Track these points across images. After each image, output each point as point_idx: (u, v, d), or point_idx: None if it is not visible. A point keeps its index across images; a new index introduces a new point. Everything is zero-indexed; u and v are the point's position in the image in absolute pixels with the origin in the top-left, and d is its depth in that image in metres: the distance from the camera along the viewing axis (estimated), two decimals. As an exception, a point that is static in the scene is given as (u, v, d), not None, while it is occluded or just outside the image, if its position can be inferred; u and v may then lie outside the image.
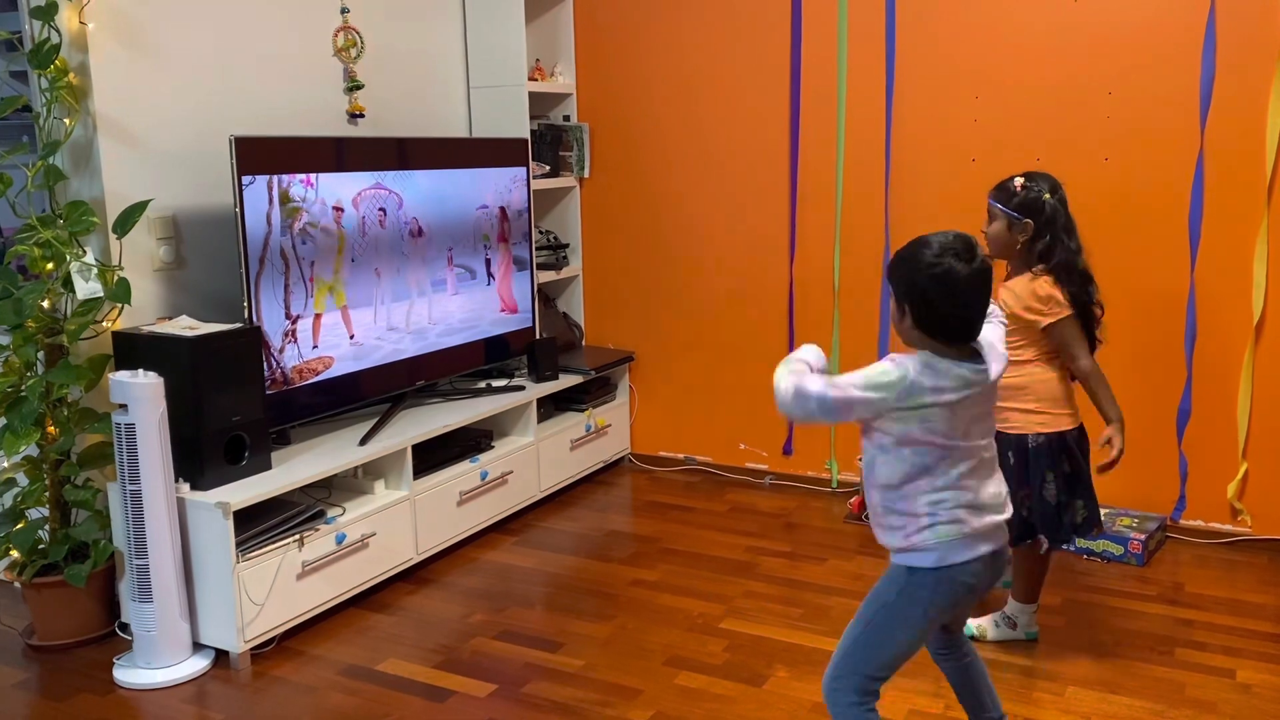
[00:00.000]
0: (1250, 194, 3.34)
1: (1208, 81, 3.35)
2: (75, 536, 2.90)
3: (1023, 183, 2.71)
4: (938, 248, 1.89)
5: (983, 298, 1.92)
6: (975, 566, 1.95)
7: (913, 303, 1.91)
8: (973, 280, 1.89)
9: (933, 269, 1.88)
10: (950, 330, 1.91)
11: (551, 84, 4.32)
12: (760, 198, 4.11)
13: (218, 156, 3.03)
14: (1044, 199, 2.69)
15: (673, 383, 4.39)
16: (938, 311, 1.89)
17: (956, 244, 1.89)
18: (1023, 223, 2.70)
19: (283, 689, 2.71)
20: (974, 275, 1.89)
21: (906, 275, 1.93)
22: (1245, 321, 3.39)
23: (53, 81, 2.80)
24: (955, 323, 1.91)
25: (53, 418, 2.87)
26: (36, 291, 2.78)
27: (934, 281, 1.88)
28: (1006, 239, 2.73)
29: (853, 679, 2.00)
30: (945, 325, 1.90)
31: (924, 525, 1.93)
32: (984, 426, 1.98)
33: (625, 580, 3.34)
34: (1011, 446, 2.73)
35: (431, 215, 3.63)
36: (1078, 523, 2.77)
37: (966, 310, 1.90)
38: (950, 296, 1.88)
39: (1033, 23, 3.55)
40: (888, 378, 1.87)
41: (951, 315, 1.90)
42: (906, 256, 1.93)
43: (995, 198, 2.75)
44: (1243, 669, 2.72)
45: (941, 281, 1.87)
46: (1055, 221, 2.69)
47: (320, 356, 3.23)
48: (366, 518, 3.15)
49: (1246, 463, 3.47)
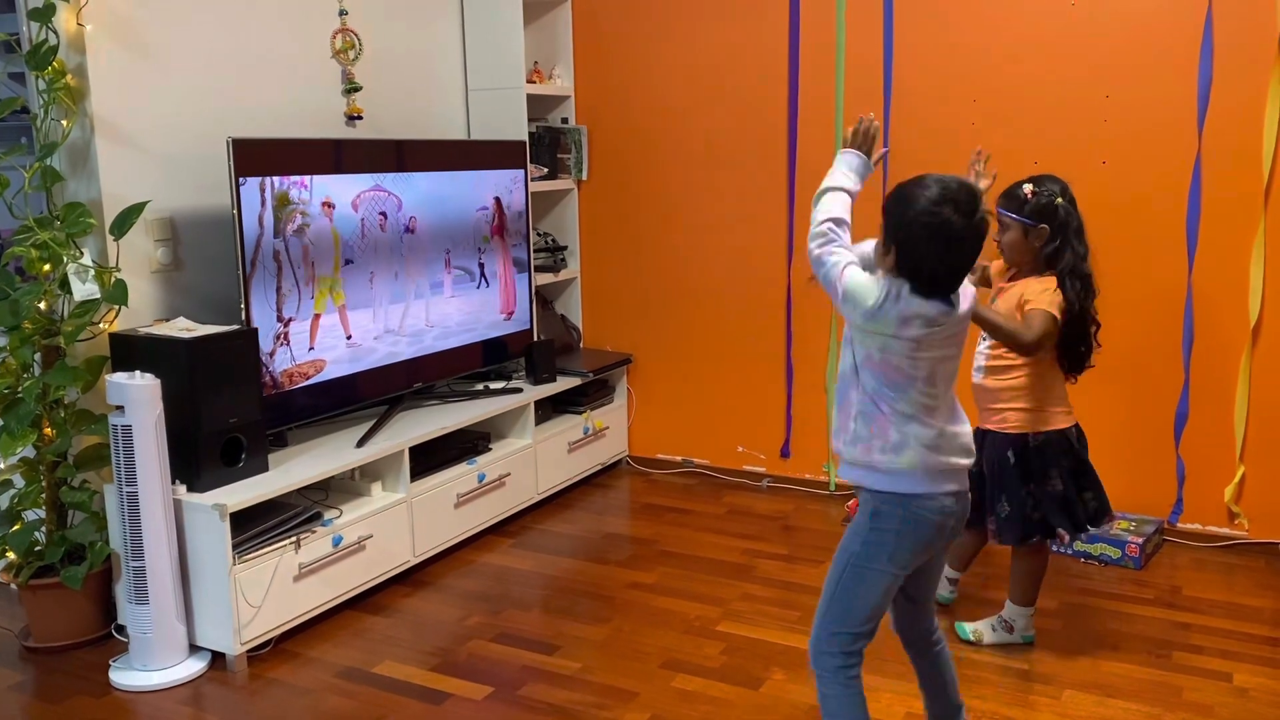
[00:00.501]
0: (1247, 198, 3.34)
1: (1205, 85, 3.35)
2: (72, 538, 2.90)
3: (1032, 188, 2.69)
4: (938, 193, 1.81)
5: (974, 255, 1.85)
6: (942, 502, 1.93)
7: (899, 245, 1.86)
8: (968, 234, 1.82)
9: (929, 217, 1.81)
10: (932, 281, 1.85)
11: (550, 86, 4.32)
12: (758, 200, 4.11)
13: (215, 158, 3.03)
14: (1056, 202, 2.67)
15: (671, 385, 4.39)
16: (924, 261, 1.83)
17: (959, 193, 1.81)
18: (1038, 228, 2.67)
19: (279, 691, 2.71)
20: (970, 230, 1.82)
21: (898, 215, 1.86)
22: (1242, 325, 3.40)
23: (50, 83, 2.80)
24: (940, 274, 1.85)
25: (49, 419, 2.87)
26: (33, 293, 2.78)
27: (926, 230, 1.81)
28: (1023, 246, 2.70)
29: (836, 639, 2.00)
30: (929, 275, 1.85)
31: (890, 447, 1.91)
32: (950, 368, 1.95)
33: (622, 583, 3.34)
34: (1011, 446, 2.73)
35: (430, 217, 3.63)
36: (1090, 513, 2.78)
37: (954, 265, 1.84)
38: (940, 249, 1.82)
39: (1030, 26, 3.56)
40: (865, 297, 1.86)
41: (938, 267, 1.84)
42: (903, 195, 1.86)
43: (1006, 207, 2.72)
44: (1240, 672, 2.72)
45: (935, 232, 1.81)
46: (1069, 225, 2.67)
47: (313, 360, 3.22)
48: (363, 520, 3.15)
49: (1243, 466, 3.47)
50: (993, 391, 2.77)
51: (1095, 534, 3.39)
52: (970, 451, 2.01)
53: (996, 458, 2.75)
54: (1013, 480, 2.73)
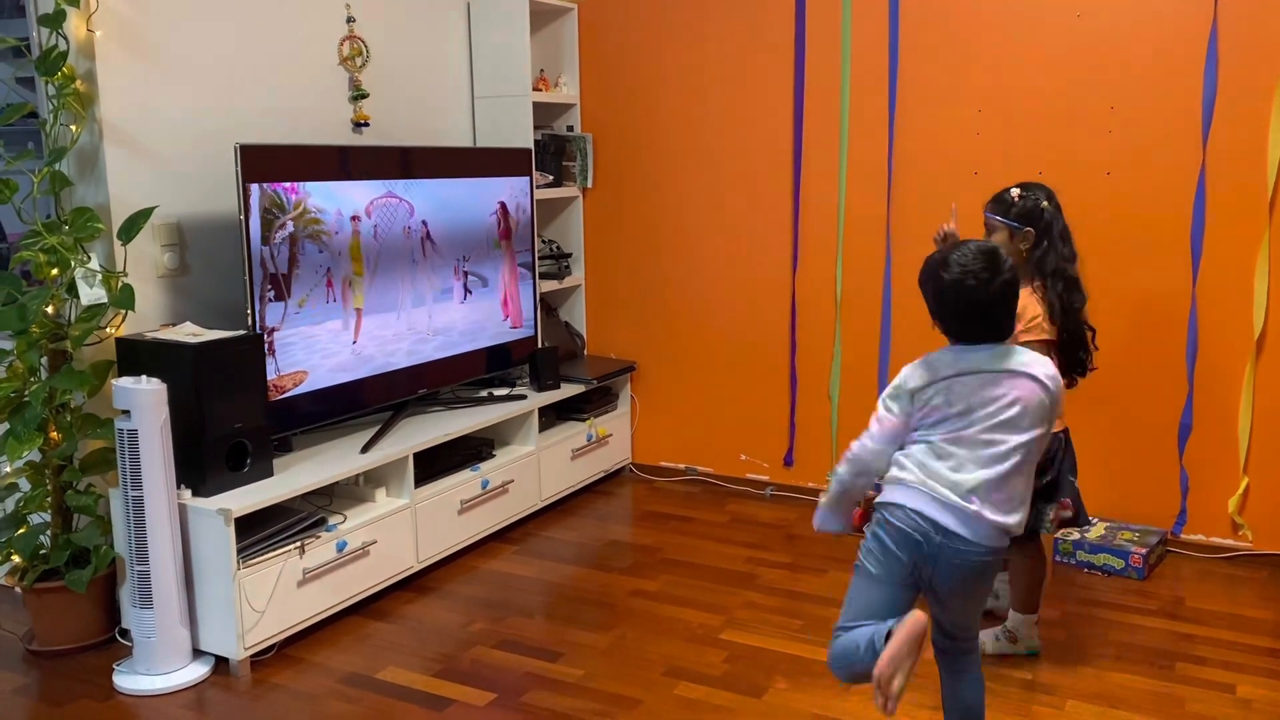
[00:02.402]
0: (1251, 209, 3.34)
1: (1209, 97, 3.36)
2: (76, 542, 2.91)
3: (1019, 192, 2.78)
4: (958, 271, 2.00)
5: (1010, 306, 2.03)
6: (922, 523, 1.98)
7: (940, 317, 2.07)
8: (997, 295, 2.00)
9: (956, 291, 2.00)
10: (979, 334, 2.04)
11: (555, 94, 4.33)
12: (763, 209, 4.11)
13: (223, 164, 3.05)
14: (1042, 205, 2.76)
15: (674, 393, 4.39)
16: (961, 322, 2.04)
17: (976, 263, 1.99)
18: (1024, 231, 2.75)
19: (282, 696, 2.71)
20: (1000, 289, 1.99)
21: (930, 290, 2.06)
22: (1246, 336, 3.40)
23: (60, 88, 2.82)
24: (985, 330, 2.03)
25: (55, 423, 2.88)
26: (41, 297, 2.79)
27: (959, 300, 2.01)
28: (1010, 250, 2.72)
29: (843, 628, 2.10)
30: (975, 333, 2.04)
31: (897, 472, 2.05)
32: (990, 412, 1.99)
33: (625, 590, 3.34)
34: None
35: (436, 224, 3.64)
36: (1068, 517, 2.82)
37: (994, 321, 2.02)
38: (976, 314, 2.01)
39: (1036, 37, 3.57)
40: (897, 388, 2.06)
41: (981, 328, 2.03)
42: (929, 273, 2.06)
43: (993, 210, 2.80)
44: (1243, 684, 2.71)
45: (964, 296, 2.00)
46: (1054, 228, 2.76)
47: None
48: (367, 525, 3.15)
49: (1247, 477, 3.47)
50: None
51: (1097, 544, 3.40)
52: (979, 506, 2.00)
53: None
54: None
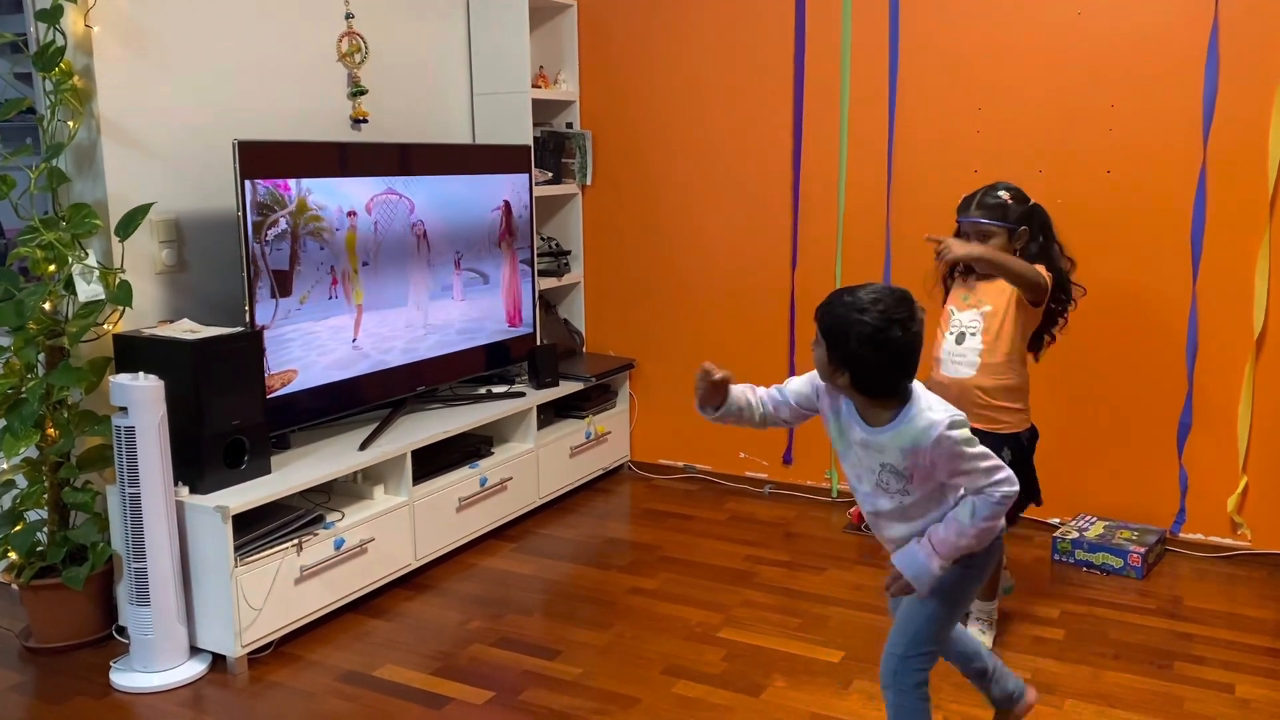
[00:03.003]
0: (1252, 208, 3.34)
1: (1210, 95, 3.35)
2: (74, 539, 2.90)
3: (1009, 194, 2.82)
4: (879, 318, 1.87)
5: (918, 355, 1.93)
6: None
7: (852, 369, 1.93)
8: (914, 344, 1.91)
9: (876, 339, 1.88)
10: (889, 390, 1.95)
11: (555, 91, 4.32)
12: (762, 206, 4.11)
13: (221, 160, 3.04)
14: (1033, 203, 2.83)
15: (673, 391, 4.38)
16: (881, 378, 1.93)
17: (898, 310, 1.89)
18: (1019, 233, 2.80)
19: (280, 694, 2.70)
20: (915, 338, 1.91)
21: (843, 341, 1.91)
22: (1246, 335, 3.39)
23: (57, 84, 2.81)
24: (895, 382, 1.94)
25: (53, 420, 2.87)
26: (38, 293, 2.78)
27: (877, 351, 1.89)
28: (1006, 251, 2.80)
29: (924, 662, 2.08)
30: (887, 387, 1.95)
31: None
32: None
33: (624, 588, 3.34)
34: (1007, 444, 2.79)
35: (436, 221, 3.63)
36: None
37: (906, 371, 1.93)
38: (893, 363, 1.91)
39: (1036, 35, 3.56)
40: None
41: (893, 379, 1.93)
42: (843, 322, 1.91)
43: (988, 216, 2.80)
44: (1241, 684, 2.71)
45: (884, 349, 1.89)
46: (1048, 224, 2.85)
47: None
48: (365, 523, 3.15)
49: (1246, 476, 3.46)
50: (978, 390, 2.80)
51: (1096, 543, 3.39)
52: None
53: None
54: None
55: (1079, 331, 3.56)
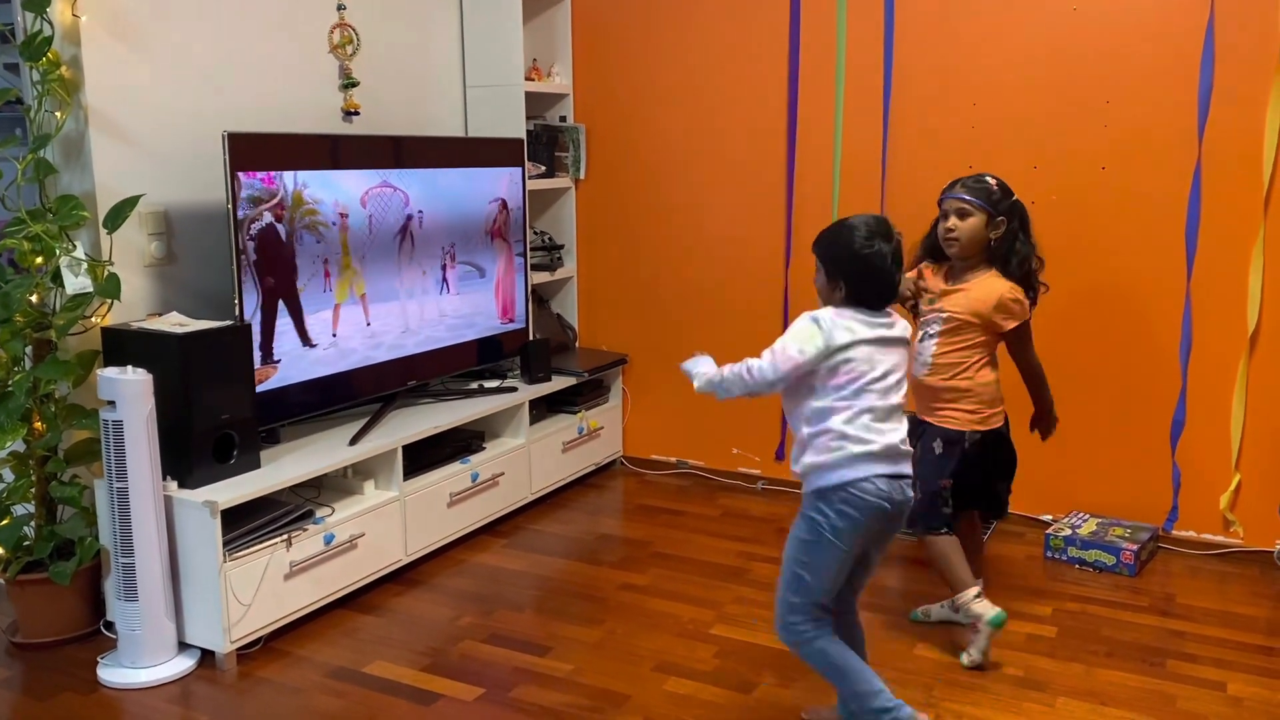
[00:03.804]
0: (1247, 204, 3.33)
1: (1205, 91, 3.34)
2: (61, 533, 2.88)
3: (997, 183, 2.85)
4: (866, 231, 2.23)
5: (900, 268, 2.28)
6: (885, 487, 2.22)
7: (847, 279, 2.25)
8: (896, 255, 2.25)
9: (866, 249, 2.22)
10: (878, 297, 2.27)
11: (548, 84, 4.30)
12: (756, 201, 4.09)
13: (210, 152, 3.01)
14: (1015, 199, 2.86)
15: (666, 386, 4.37)
16: (871, 285, 2.24)
17: (880, 227, 2.24)
18: (997, 221, 2.82)
19: (268, 690, 2.69)
20: (896, 251, 2.25)
21: (839, 255, 2.26)
22: (1240, 332, 3.39)
23: (44, 74, 2.78)
24: (884, 291, 2.26)
25: (40, 413, 2.85)
26: (25, 286, 2.76)
27: (867, 261, 2.22)
28: (980, 237, 2.85)
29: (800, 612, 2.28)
30: (876, 294, 2.26)
31: (833, 447, 2.22)
32: (898, 377, 2.28)
33: (615, 584, 3.32)
34: (940, 437, 2.85)
35: (429, 215, 3.61)
36: (1003, 499, 3.02)
37: (892, 280, 2.26)
38: (880, 271, 2.23)
39: (1031, 31, 3.55)
40: (814, 334, 2.21)
41: (883, 286, 2.26)
42: (837, 240, 2.27)
43: (973, 195, 2.83)
44: (1234, 682, 2.71)
45: (873, 260, 2.22)
46: (1027, 222, 2.87)
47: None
48: (355, 518, 3.13)
49: (1239, 474, 3.46)
50: (933, 391, 2.88)
51: (1089, 540, 3.39)
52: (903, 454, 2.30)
53: (923, 446, 2.84)
54: (930, 469, 2.81)
55: (1072, 327, 3.57)
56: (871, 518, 2.23)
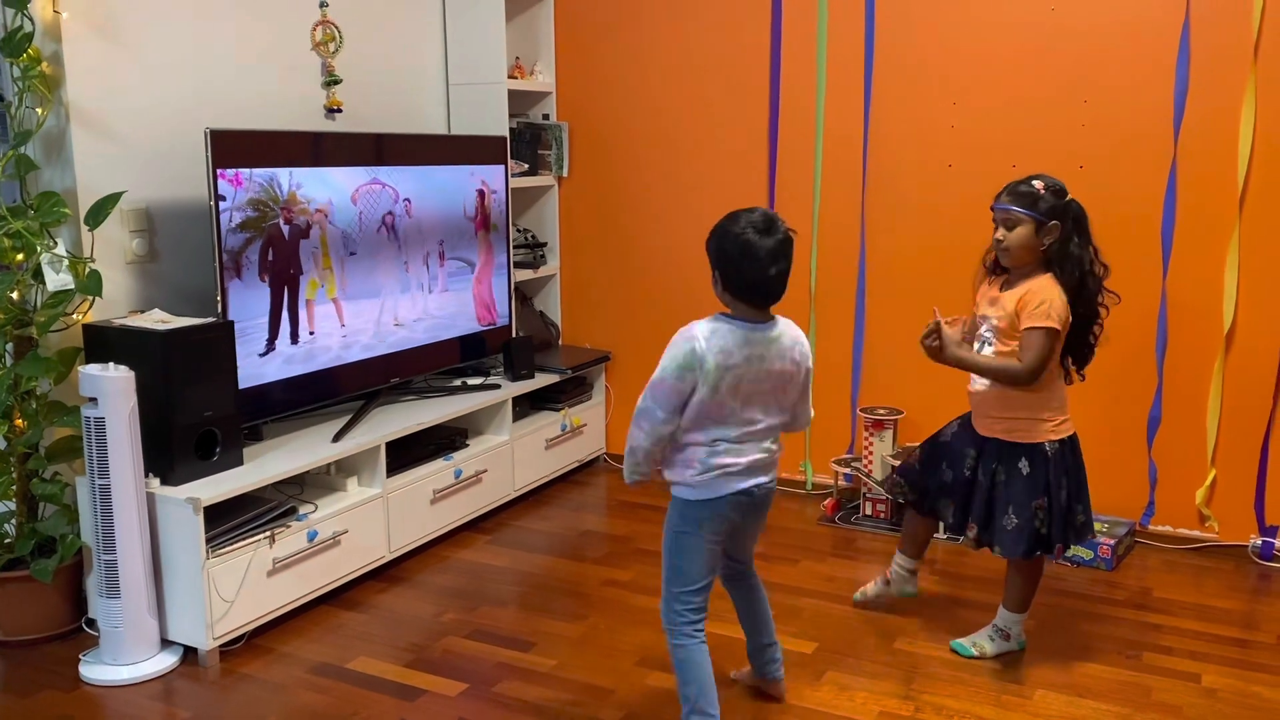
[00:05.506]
0: (1222, 203, 3.37)
1: (1181, 91, 3.38)
2: (42, 531, 2.87)
3: (1043, 184, 2.61)
4: (743, 223, 2.22)
5: (779, 264, 2.22)
6: (742, 497, 2.29)
7: (723, 270, 2.24)
8: (771, 249, 2.20)
9: (738, 237, 2.20)
10: (753, 289, 2.23)
11: (531, 82, 4.31)
12: (738, 199, 4.04)
13: (192, 149, 3.01)
14: (1069, 198, 2.62)
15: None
16: (741, 274, 2.21)
17: (760, 221, 2.22)
18: (1050, 225, 2.60)
19: (251, 687, 2.69)
20: (778, 247, 2.21)
21: (714, 244, 2.26)
22: (1216, 330, 3.43)
23: (25, 71, 2.77)
24: (757, 282, 2.22)
25: (21, 410, 2.84)
26: (6, 283, 2.74)
27: (738, 247, 2.20)
28: (1032, 245, 2.61)
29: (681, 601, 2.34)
30: (748, 286, 2.23)
31: (695, 470, 2.27)
32: (766, 403, 2.28)
33: (598, 580, 3.34)
34: (1025, 455, 2.66)
35: (413, 212, 3.61)
36: (1078, 526, 2.75)
37: (764, 273, 2.21)
38: (748, 260, 2.20)
39: (1010, 30, 3.58)
40: (686, 356, 2.22)
41: (755, 278, 2.21)
42: (716, 229, 2.26)
43: (1016, 203, 2.61)
44: (1208, 673, 2.75)
45: (743, 248, 2.20)
46: (1082, 221, 2.64)
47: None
48: (339, 515, 3.13)
49: (1215, 469, 3.50)
50: (995, 400, 2.69)
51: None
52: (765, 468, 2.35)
53: (1005, 468, 2.69)
54: (1021, 492, 2.66)
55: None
56: (733, 512, 2.31)
